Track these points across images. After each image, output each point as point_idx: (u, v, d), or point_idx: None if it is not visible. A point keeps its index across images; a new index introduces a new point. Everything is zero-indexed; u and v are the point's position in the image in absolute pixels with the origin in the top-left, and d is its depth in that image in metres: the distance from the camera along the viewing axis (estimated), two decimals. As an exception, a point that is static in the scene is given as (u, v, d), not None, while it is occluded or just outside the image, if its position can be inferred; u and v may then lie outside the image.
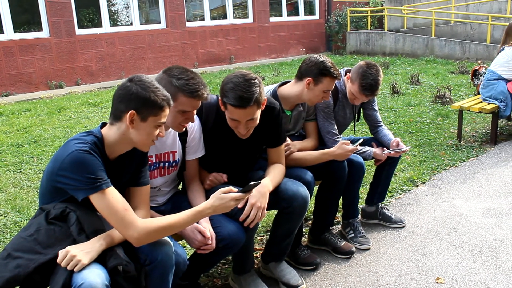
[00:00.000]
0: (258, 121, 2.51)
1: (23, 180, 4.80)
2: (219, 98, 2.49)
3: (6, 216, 3.93)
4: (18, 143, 6.09)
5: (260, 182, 2.18)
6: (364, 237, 3.35)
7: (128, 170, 2.17)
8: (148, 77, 2.02)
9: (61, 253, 1.81)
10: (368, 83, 3.09)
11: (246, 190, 2.13)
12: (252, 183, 2.12)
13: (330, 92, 3.08)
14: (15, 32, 9.95)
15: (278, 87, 3.02)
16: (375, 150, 3.30)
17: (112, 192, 1.94)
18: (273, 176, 2.62)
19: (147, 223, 1.95)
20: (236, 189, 2.12)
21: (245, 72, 2.44)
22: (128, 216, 1.93)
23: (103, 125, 2.09)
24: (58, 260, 1.79)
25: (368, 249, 3.28)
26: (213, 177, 2.64)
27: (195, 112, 2.36)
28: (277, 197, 2.58)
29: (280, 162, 2.76)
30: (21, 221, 3.80)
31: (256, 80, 2.41)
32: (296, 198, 2.58)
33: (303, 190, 2.62)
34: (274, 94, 2.98)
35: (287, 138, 2.95)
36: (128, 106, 1.97)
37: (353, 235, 3.36)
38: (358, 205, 3.49)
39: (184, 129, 2.41)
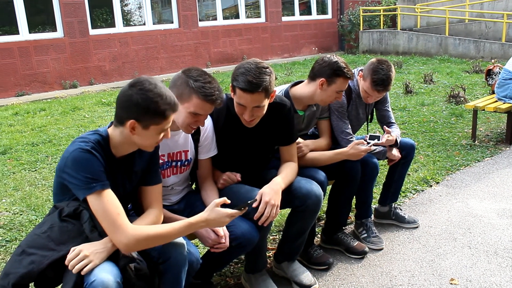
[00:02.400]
0: (264, 112, 2.50)
1: (38, 178, 4.86)
2: (230, 84, 2.49)
3: (21, 214, 3.98)
4: (33, 142, 6.16)
5: (255, 200, 2.19)
6: (377, 237, 3.33)
7: (138, 168, 2.17)
8: (151, 82, 1.95)
9: (73, 250, 1.82)
10: (380, 78, 3.07)
11: (242, 207, 2.10)
12: (249, 201, 2.13)
13: (343, 92, 3.07)
14: (30, 32, 10.06)
15: (290, 87, 3.02)
16: (389, 150, 3.28)
17: (107, 195, 1.91)
18: (285, 174, 2.62)
19: (138, 230, 1.91)
20: (228, 201, 2.07)
21: (258, 60, 2.44)
22: (120, 220, 1.89)
23: (112, 123, 2.09)
24: (68, 257, 1.81)
25: (381, 249, 3.26)
26: (226, 177, 2.64)
27: (206, 117, 2.36)
28: (290, 196, 2.58)
29: (293, 160, 2.76)
30: (36, 219, 3.85)
31: (267, 69, 2.41)
32: (309, 197, 2.57)
33: (316, 188, 2.62)
34: (286, 94, 2.97)
35: (300, 138, 2.95)
36: (128, 115, 1.93)
37: (366, 235, 3.35)
38: (372, 205, 3.47)
39: (192, 131, 2.39)
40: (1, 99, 9.49)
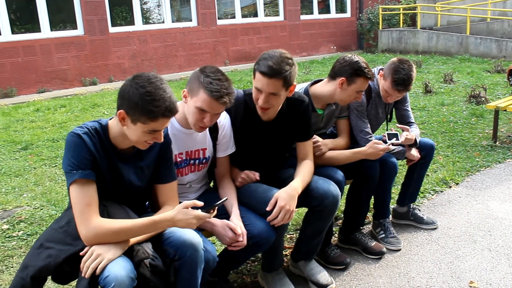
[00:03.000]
0: (280, 102, 2.51)
1: (58, 174, 4.93)
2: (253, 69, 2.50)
3: (42, 209, 4.04)
4: (53, 138, 6.25)
5: (226, 199, 2.17)
6: (395, 238, 3.31)
7: (146, 164, 2.16)
8: (152, 81, 1.91)
9: (88, 251, 1.84)
10: (401, 78, 3.04)
11: (210, 210, 2.04)
12: (217, 203, 2.06)
13: (363, 92, 3.05)
14: (51, 30, 10.20)
15: (310, 85, 3.01)
16: (408, 150, 3.25)
17: (84, 184, 1.91)
18: (303, 176, 2.61)
19: (100, 223, 1.88)
20: (201, 203, 2.00)
21: (284, 51, 2.45)
22: (87, 211, 1.87)
23: None
24: (83, 259, 1.83)
25: (399, 250, 3.23)
26: (245, 175, 2.65)
27: (214, 119, 2.33)
28: (307, 196, 2.58)
29: (309, 157, 2.75)
30: (56, 214, 3.90)
31: (290, 60, 2.41)
32: (327, 197, 2.56)
33: (334, 188, 2.61)
34: (306, 92, 2.96)
35: (318, 137, 2.94)
36: (121, 105, 1.93)
37: (383, 235, 3.32)
38: (390, 205, 3.44)
39: (203, 130, 2.38)
40: (23, 96, 9.65)
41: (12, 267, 3.14)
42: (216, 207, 2.08)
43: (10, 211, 4.02)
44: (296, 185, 2.51)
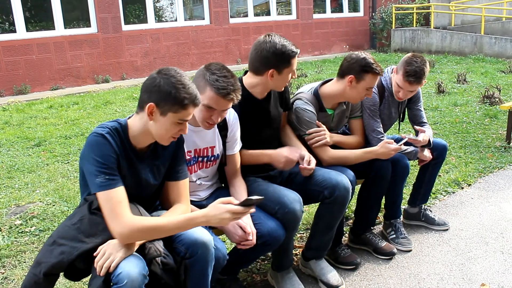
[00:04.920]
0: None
1: (70, 171, 4.97)
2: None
3: (54, 205, 4.08)
4: (66, 135, 6.31)
5: (262, 198, 2.18)
6: (406, 239, 3.29)
7: (161, 162, 2.17)
8: (178, 72, 1.97)
9: (100, 250, 1.85)
10: (413, 69, 3.01)
11: (245, 204, 1.94)
12: (253, 197, 1.99)
13: (375, 89, 3.04)
14: (65, 28, 10.29)
15: (319, 86, 3.00)
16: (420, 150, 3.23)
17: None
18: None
19: (134, 220, 1.88)
20: (236, 202, 1.97)
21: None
22: (118, 209, 1.87)
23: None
24: (96, 259, 1.84)
25: (410, 251, 3.21)
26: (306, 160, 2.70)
27: (223, 116, 2.34)
28: (319, 187, 2.62)
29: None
30: (68, 210, 3.94)
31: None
32: (338, 188, 2.59)
33: (346, 180, 2.64)
34: (316, 93, 2.96)
35: (326, 130, 2.95)
36: (149, 98, 1.94)
37: (394, 236, 3.31)
38: (401, 206, 3.42)
39: (210, 127, 2.39)
40: (37, 93, 9.76)
41: (24, 262, 3.18)
42: (254, 204, 2.01)
43: (23, 206, 4.07)
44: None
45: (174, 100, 1.92)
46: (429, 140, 3.20)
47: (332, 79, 3.01)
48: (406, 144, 3.06)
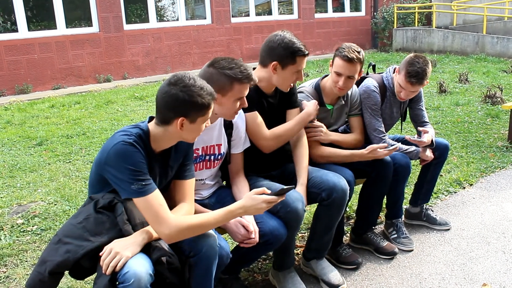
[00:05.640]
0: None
1: (72, 170, 4.98)
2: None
3: (56, 204, 4.08)
4: (67, 134, 6.32)
5: (294, 187, 2.18)
6: (407, 238, 3.28)
7: (174, 163, 2.20)
8: (189, 77, 2.00)
9: (106, 249, 1.86)
10: (415, 70, 3.01)
11: (279, 193, 2.09)
12: (285, 187, 2.12)
13: (377, 88, 3.07)
14: (67, 27, 10.30)
15: (321, 80, 3.07)
16: (422, 150, 3.23)
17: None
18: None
19: (180, 220, 1.96)
20: (269, 191, 2.10)
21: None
22: (162, 212, 1.94)
23: (151, 118, 2.12)
24: (102, 258, 1.84)
25: (411, 250, 3.21)
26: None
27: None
28: (317, 189, 2.62)
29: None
30: (70, 209, 3.94)
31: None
32: (336, 190, 2.59)
33: (343, 182, 2.64)
34: (317, 87, 3.03)
35: (323, 126, 2.97)
36: (176, 113, 1.98)
37: (396, 235, 3.31)
38: (403, 206, 3.42)
39: (236, 116, 2.47)
40: (39, 92, 9.77)
41: (26, 261, 3.18)
42: (285, 193, 2.13)
43: (24, 206, 4.08)
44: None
45: (202, 106, 1.99)
46: (431, 140, 3.19)
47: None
48: (408, 144, 3.06)
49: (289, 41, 2.63)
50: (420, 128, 3.32)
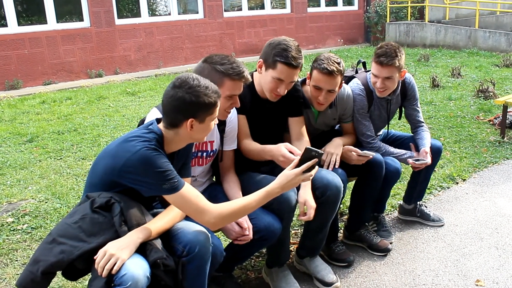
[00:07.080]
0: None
1: (63, 167, 4.93)
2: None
3: (46, 202, 4.04)
4: (59, 130, 6.25)
5: (322, 151, 2.12)
6: (386, 231, 3.32)
7: (179, 162, 2.21)
8: (193, 78, 2.00)
9: (100, 252, 1.83)
10: (383, 50, 2.96)
11: (306, 156, 2.04)
12: (312, 148, 2.04)
13: (363, 92, 3.09)
14: (57, 22, 10.18)
15: (301, 83, 3.03)
16: (413, 159, 3.13)
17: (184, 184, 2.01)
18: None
19: (221, 208, 2.03)
20: (298, 151, 2.15)
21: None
22: (201, 202, 2.00)
23: (158, 121, 2.11)
24: (97, 260, 1.81)
25: (390, 243, 3.21)
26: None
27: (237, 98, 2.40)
28: (311, 186, 2.58)
29: (304, 134, 2.82)
30: (61, 207, 3.90)
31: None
32: (330, 187, 2.58)
33: (337, 179, 2.63)
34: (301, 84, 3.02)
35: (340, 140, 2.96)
36: (185, 115, 2.00)
37: (376, 228, 3.34)
38: (386, 203, 3.45)
39: (228, 115, 2.45)
40: (29, 88, 9.66)
41: (16, 260, 3.14)
42: (315, 156, 2.05)
43: (15, 204, 4.03)
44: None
45: (210, 105, 2.02)
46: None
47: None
48: (403, 146, 3.04)
49: (282, 44, 2.50)
50: (422, 149, 3.17)
